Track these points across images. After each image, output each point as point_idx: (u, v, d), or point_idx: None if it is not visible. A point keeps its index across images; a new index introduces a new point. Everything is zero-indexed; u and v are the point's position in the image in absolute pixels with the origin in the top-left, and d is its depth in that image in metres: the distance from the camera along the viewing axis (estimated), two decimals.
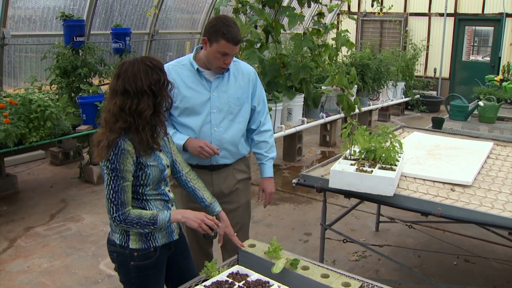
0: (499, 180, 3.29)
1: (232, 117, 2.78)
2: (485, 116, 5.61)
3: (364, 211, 5.20)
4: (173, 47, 9.82)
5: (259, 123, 2.92)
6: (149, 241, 2.23)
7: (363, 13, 13.42)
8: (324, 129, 8.36)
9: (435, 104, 11.77)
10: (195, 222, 2.21)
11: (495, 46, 12.02)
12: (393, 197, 2.84)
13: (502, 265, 4.11)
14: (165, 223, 2.17)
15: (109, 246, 2.29)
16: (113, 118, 2.07)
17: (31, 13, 7.08)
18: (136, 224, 2.11)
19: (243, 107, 2.81)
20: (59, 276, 3.92)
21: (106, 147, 2.04)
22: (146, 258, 2.23)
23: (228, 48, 2.56)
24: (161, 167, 2.22)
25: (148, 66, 2.08)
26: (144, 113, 2.06)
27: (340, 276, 2.13)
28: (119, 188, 2.07)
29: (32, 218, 5.05)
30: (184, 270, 2.46)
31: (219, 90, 2.73)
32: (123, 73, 2.08)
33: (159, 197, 2.27)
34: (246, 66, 2.90)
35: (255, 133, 2.93)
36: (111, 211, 2.09)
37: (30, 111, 5.19)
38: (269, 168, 2.99)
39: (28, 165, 6.80)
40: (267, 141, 2.95)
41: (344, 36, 7.09)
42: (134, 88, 2.05)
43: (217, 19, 2.59)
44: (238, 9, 5.85)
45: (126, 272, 2.26)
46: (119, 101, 2.07)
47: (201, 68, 2.71)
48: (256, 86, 2.88)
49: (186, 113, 2.73)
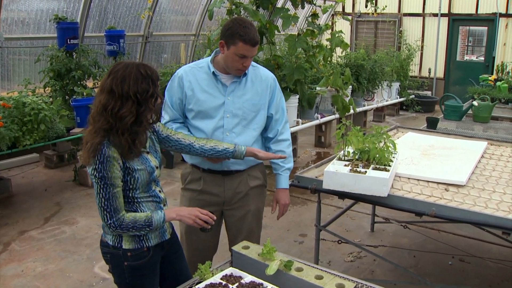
0: (493, 179, 3.29)
1: (246, 123, 2.71)
2: (479, 116, 5.63)
3: (359, 212, 5.20)
4: (168, 49, 9.81)
5: (276, 132, 2.84)
6: (142, 241, 2.23)
7: (358, 13, 13.44)
8: (319, 130, 8.36)
9: (430, 104, 11.80)
10: (189, 218, 2.22)
11: (489, 46, 12.08)
12: (387, 197, 2.84)
13: (497, 264, 4.12)
14: (160, 223, 2.17)
15: (102, 247, 2.29)
16: (97, 116, 2.07)
17: (24, 15, 7.06)
18: (132, 228, 2.12)
19: (258, 114, 2.74)
20: (54, 279, 3.90)
21: (91, 152, 2.04)
22: (140, 258, 2.23)
23: (246, 50, 2.52)
24: (149, 169, 2.21)
25: (140, 73, 2.07)
26: (125, 118, 2.04)
27: (334, 278, 2.13)
28: (110, 196, 2.07)
29: (26, 221, 5.03)
30: (177, 270, 2.46)
31: (235, 95, 2.68)
32: (114, 72, 2.07)
33: (150, 199, 2.26)
34: (266, 72, 2.82)
35: (272, 141, 2.86)
36: (106, 219, 2.09)
37: (24, 114, 5.17)
38: (285, 179, 2.92)
39: (22, 168, 6.77)
40: (284, 150, 2.85)
41: (338, 37, 7.08)
42: (120, 90, 2.04)
43: (233, 21, 2.56)
44: (231, 10, 5.84)
45: (120, 273, 2.26)
46: (103, 99, 2.06)
47: (217, 71, 2.67)
48: (275, 93, 2.80)
49: (200, 116, 2.69)
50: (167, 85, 2.78)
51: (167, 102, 2.75)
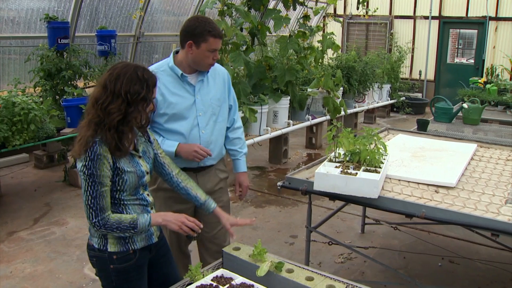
0: (482, 181, 3.32)
1: (215, 118, 2.84)
2: (469, 118, 5.67)
3: (350, 213, 5.22)
4: (159, 49, 9.78)
5: (232, 121, 3.02)
6: (127, 244, 2.21)
7: (349, 15, 13.49)
8: (310, 131, 8.38)
9: (421, 106, 11.87)
10: (175, 224, 2.21)
11: (479, 49, 12.18)
12: (378, 199, 2.85)
13: (486, 265, 4.15)
14: (145, 227, 2.16)
15: (89, 251, 2.27)
16: (89, 109, 2.10)
17: (14, 14, 7.00)
18: (116, 229, 2.10)
19: (222, 107, 2.89)
20: (43, 281, 3.87)
21: (82, 146, 2.05)
22: (126, 261, 2.22)
23: (216, 43, 2.64)
24: (139, 173, 2.20)
25: (136, 75, 2.09)
26: (112, 115, 2.05)
27: (324, 279, 2.13)
28: (97, 194, 2.06)
29: (15, 222, 4.98)
30: (166, 273, 2.45)
31: (202, 93, 2.78)
32: (112, 69, 2.11)
33: (137, 202, 2.25)
34: (219, 66, 2.97)
35: (229, 130, 3.03)
36: (91, 217, 2.08)
37: (13, 114, 5.12)
38: (243, 163, 3.10)
39: (12, 168, 6.71)
40: (240, 137, 3.06)
41: (329, 38, 7.12)
42: (112, 87, 2.06)
43: (197, 21, 2.64)
44: (223, 11, 5.84)
45: (107, 276, 2.25)
46: (96, 93, 2.09)
47: (185, 73, 2.73)
48: (230, 85, 2.99)
49: (173, 118, 2.74)
50: None
51: None
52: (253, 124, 6.40)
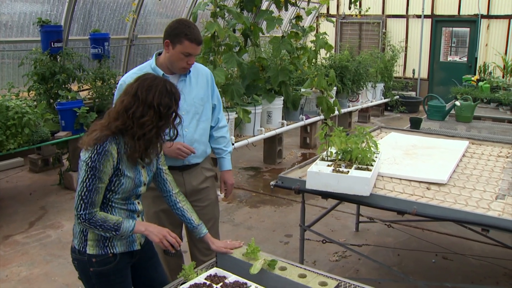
0: (474, 178, 3.35)
1: (198, 117, 2.89)
2: (462, 116, 5.72)
3: (344, 212, 5.25)
4: (154, 52, 9.77)
5: (217, 120, 3.06)
6: (106, 247, 2.21)
7: (342, 15, 13.54)
8: (305, 131, 8.41)
9: (414, 104, 11.92)
10: (157, 237, 2.20)
11: (471, 47, 12.23)
12: (370, 197, 2.88)
13: (479, 261, 4.19)
14: (127, 232, 2.16)
15: (71, 253, 2.27)
16: (116, 115, 2.09)
17: (7, 19, 6.99)
18: (99, 227, 2.10)
19: (205, 107, 2.93)
20: (39, 284, 3.88)
21: (94, 139, 2.05)
22: (105, 264, 2.21)
23: (192, 48, 2.65)
24: (137, 182, 2.22)
25: (166, 88, 2.11)
26: (145, 127, 2.07)
27: (317, 276, 2.16)
28: (93, 188, 2.07)
29: (10, 226, 4.99)
30: (152, 276, 2.45)
31: (184, 93, 2.78)
32: (142, 80, 2.12)
33: (125, 207, 2.24)
34: (202, 67, 3.02)
35: (214, 129, 3.06)
36: (79, 208, 2.08)
37: (7, 118, 5.12)
38: (228, 161, 3.13)
39: (7, 172, 6.71)
40: (225, 136, 3.10)
41: (322, 38, 7.14)
42: (145, 97, 2.07)
43: (178, 22, 2.69)
44: (216, 13, 5.86)
45: (88, 279, 2.25)
46: (126, 101, 2.09)
47: (166, 74, 2.76)
48: (214, 85, 3.03)
49: None
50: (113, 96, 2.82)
51: None
52: (247, 124, 6.42)
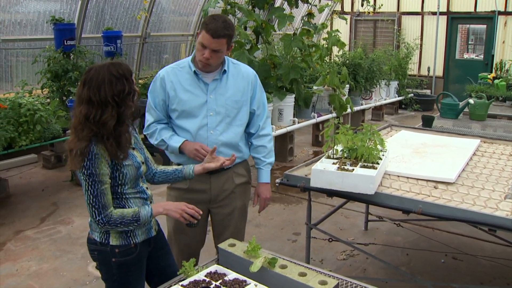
0: (483, 177, 3.29)
1: (229, 120, 2.75)
2: (476, 114, 5.63)
3: (353, 210, 5.21)
4: (169, 50, 9.83)
5: (258, 127, 2.89)
6: (129, 238, 2.26)
7: (357, 12, 13.44)
8: (316, 129, 8.36)
9: (429, 102, 11.78)
10: (176, 212, 2.25)
11: (488, 44, 12.06)
12: (375, 195, 2.85)
13: (490, 262, 4.13)
14: (148, 218, 2.21)
15: (89, 244, 2.32)
16: (80, 126, 2.08)
17: (22, 17, 7.09)
18: (120, 224, 2.15)
19: (241, 110, 2.78)
20: (47, 278, 3.92)
21: (79, 156, 2.06)
22: (127, 254, 2.26)
23: (206, 39, 2.55)
24: (136, 165, 2.25)
25: (113, 75, 2.08)
26: (107, 123, 2.07)
27: (317, 275, 2.14)
28: (98, 192, 2.10)
29: (22, 221, 5.05)
30: (164, 266, 2.49)
31: (217, 93, 2.71)
32: (89, 81, 2.08)
33: (138, 195, 2.30)
34: (247, 68, 2.87)
35: (254, 137, 2.91)
36: (94, 215, 2.12)
37: (20, 115, 5.20)
38: (266, 173, 2.96)
39: (21, 169, 6.80)
40: (266, 145, 2.92)
41: (334, 36, 7.09)
42: (98, 98, 2.06)
43: (211, 15, 2.62)
44: (226, 10, 5.86)
45: (108, 269, 2.29)
46: (84, 110, 2.08)
47: (198, 70, 2.70)
48: (256, 89, 2.84)
49: (183, 115, 2.73)
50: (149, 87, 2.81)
51: (150, 103, 2.78)
52: None
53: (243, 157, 2.90)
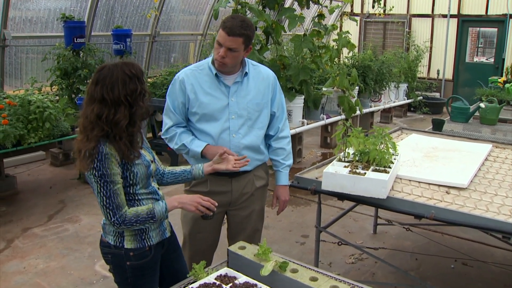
0: (496, 182, 3.25)
1: (251, 123, 2.71)
2: (486, 118, 5.57)
3: (362, 214, 5.17)
4: (178, 49, 9.83)
5: (277, 129, 2.86)
6: (143, 241, 2.24)
7: (366, 14, 13.39)
8: (325, 131, 8.33)
9: (438, 105, 11.71)
10: (191, 205, 2.23)
11: (499, 48, 11.96)
12: (386, 199, 2.82)
13: (500, 268, 4.08)
14: (163, 214, 2.18)
15: (102, 248, 2.29)
16: (90, 125, 2.05)
17: (32, 14, 7.10)
18: (135, 222, 2.12)
19: (262, 113, 2.74)
20: (55, 276, 3.92)
21: (88, 157, 2.03)
22: (142, 258, 2.24)
23: (221, 37, 2.51)
24: (146, 163, 2.23)
25: (126, 74, 2.06)
26: (120, 123, 2.05)
27: (329, 279, 2.11)
28: (111, 193, 2.07)
29: (30, 219, 5.05)
30: (176, 268, 2.47)
31: (238, 96, 2.67)
32: (102, 80, 2.06)
33: (150, 196, 2.28)
34: (266, 70, 2.82)
35: (273, 139, 2.87)
36: (109, 217, 2.09)
37: (29, 112, 5.20)
38: (285, 175, 2.95)
39: (29, 166, 6.81)
40: (285, 148, 2.89)
41: (345, 37, 7.05)
42: (112, 97, 2.04)
43: (232, 15, 2.60)
44: (237, 10, 5.83)
45: (122, 273, 2.27)
46: (96, 109, 2.05)
47: (219, 73, 2.65)
48: (276, 91, 2.81)
49: (204, 119, 2.68)
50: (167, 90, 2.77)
51: (169, 106, 2.73)
52: None
53: (263, 159, 2.87)
